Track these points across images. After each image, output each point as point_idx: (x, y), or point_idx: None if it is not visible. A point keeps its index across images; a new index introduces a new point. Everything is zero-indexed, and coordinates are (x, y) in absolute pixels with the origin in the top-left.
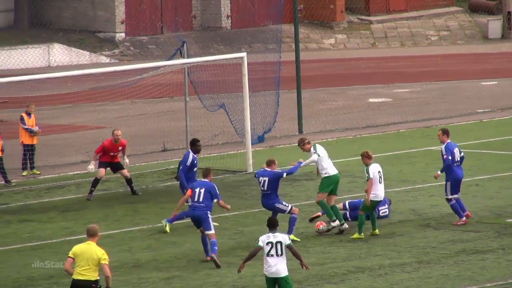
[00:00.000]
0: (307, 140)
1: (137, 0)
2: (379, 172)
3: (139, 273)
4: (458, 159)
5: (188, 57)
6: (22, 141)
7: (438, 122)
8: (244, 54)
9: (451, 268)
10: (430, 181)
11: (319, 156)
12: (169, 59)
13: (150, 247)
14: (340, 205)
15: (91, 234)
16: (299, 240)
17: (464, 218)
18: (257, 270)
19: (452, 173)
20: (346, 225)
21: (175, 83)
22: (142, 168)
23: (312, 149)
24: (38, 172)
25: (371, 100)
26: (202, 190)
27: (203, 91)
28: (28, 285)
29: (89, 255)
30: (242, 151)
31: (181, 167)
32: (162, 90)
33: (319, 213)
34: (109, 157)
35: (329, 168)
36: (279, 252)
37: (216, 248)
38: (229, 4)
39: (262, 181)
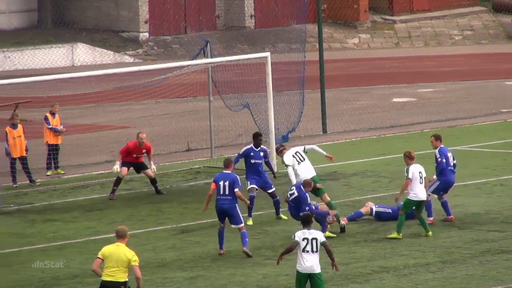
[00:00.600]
0: (282, 147)
1: (160, 0)
2: (420, 172)
3: (164, 273)
4: (452, 164)
5: (212, 56)
6: (47, 141)
7: (462, 122)
8: (267, 54)
9: (476, 268)
10: (455, 181)
11: (287, 166)
12: (192, 59)
13: (174, 247)
14: (367, 209)
15: (120, 236)
16: (335, 235)
17: (432, 218)
18: (281, 269)
19: (445, 176)
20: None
21: (199, 82)
22: (166, 167)
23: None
24: (63, 172)
25: (395, 99)
26: (227, 183)
27: (227, 91)
28: (53, 285)
29: (118, 256)
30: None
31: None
32: (186, 90)
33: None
34: (132, 157)
35: (302, 175)
36: (314, 249)
37: (247, 240)
38: (253, 4)
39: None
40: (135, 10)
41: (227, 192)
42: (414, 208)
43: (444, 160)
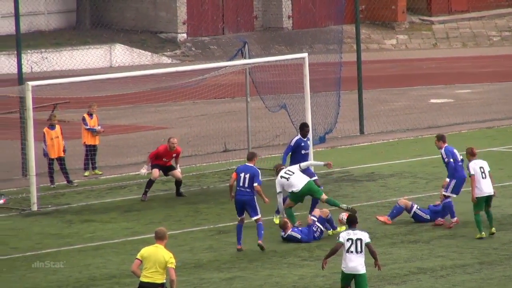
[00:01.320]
0: (281, 168)
1: (198, 1)
2: (481, 167)
3: (201, 274)
4: (459, 159)
5: (249, 57)
6: (85, 142)
7: (500, 123)
8: (305, 55)
9: None
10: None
11: (280, 180)
12: (230, 60)
13: (211, 248)
14: (407, 203)
15: (159, 237)
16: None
17: (455, 219)
18: (318, 271)
19: (458, 172)
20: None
21: (236, 83)
22: (203, 168)
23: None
24: (100, 173)
25: (432, 100)
26: (247, 176)
27: (264, 92)
28: (90, 285)
29: (157, 258)
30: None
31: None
32: (223, 91)
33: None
34: (161, 161)
35: (294, 187)
36: (359, 249)
37: (263, 232)
38: (290, 5)
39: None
40: (173, 11)
41: (246, 185)
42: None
43: (451, 160)
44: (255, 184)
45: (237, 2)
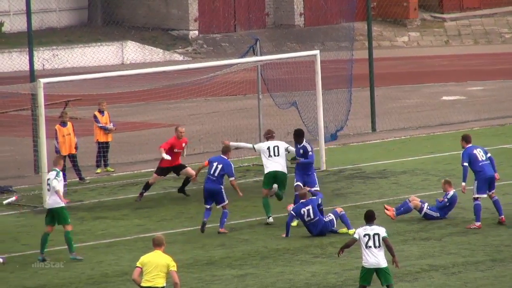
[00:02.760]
0: (270, 135)
1: None
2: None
3: (212, 271)
4: (482, 158)
5: (261, 54)
6: (97, 139)
7: (511, 120)
8: (317, 52)
9: None
10: (504, 179)
11: (253, 146)
12: (242, 57)
13: (223, 245)
14: (417, 204)
15: (157, 244)
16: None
17: (478, 223)
18: (330, 267)
19: (478, 173)
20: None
21: (248, 80)
22: None
23: None
24: (112, 170)
25: (444, 98)
26: (220, 166)
27: (276, 89)
28: (102, 282)
29: (158, 262)
30: (315, 148)
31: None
32: (235, 88)
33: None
34: (172, 156)
35: (267, 168)
36: (377, 244)
37: (225, 220)
38: (302, 2)
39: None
40: (184, 8)
41: (216, 174)
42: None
43: (465, 163)
44: (231, 179)
45: None
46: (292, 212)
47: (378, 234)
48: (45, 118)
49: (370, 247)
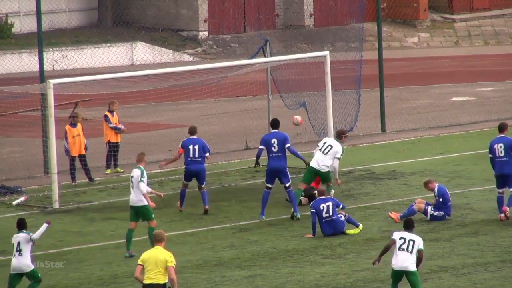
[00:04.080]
0: (345, 136)
1: None
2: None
3: (222, 271)
4: (500, 154)
5: (271, 55)
6: (109, 140)
7: None
8: (327, 53)
9: None
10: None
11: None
12: (251, 58)
13: (233, 245)
14: (421, 207)
15: (158, 240)
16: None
17: (502, 215)
18: (339, 268)
19: (494, 168)
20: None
21: (258, 81)
22: (224, 166)
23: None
24: (122, 170)
25: (454, 98)
26: (197, 147)
27: (285, 90)
28: (111, 283)
29: (157, 258)
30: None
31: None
32: (244, 89)
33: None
34: None
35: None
36: (410, 249)
37: (207, 198)
38: (312, 3)
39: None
40: (194, 9)
41: (197, 155)
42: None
43: (490, 155)
44: (207, 154)
45: (259, 0)
46: (312, 209)
47: (414, 241)
48: (55, 118)
49: (403, 249)
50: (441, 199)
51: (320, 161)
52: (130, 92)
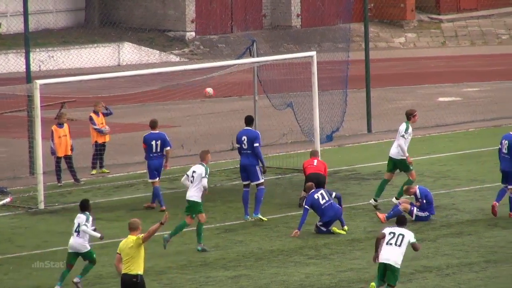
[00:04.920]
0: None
1: None
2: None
3: (207, 272)
4: (504, 150)
5: (258, 56)
6: (95, 141)
7: (507, 121)
8: (313, 53)
9: None
10: (499, 180)
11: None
12: (238, 58)
13: (218, 246)
14: (406, 207)
15: (131, 228)
16: (344, 232)
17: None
18: (324, 269)
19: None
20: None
21: (244, 82)
22: (210, 166)
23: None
24: (107, 171)
25: (440, 99)
26: (159, 142)
27: (272, 90)
28: (96, 283)
29: (127, 245)
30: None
31: (258, 144)
32: (231, 89)
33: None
34: None
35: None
36: (398, 243)
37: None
38: (299, 3)
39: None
40: (181, 10)
41: (158, 150)
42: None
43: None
44: (167, 148)
45: (246, 0)
46: (306, 206)
47: (403, 235)
48: (41, 119)
49: (390, 244)
50: (424, 200)
51: (393, 148)
52: (118, 93)
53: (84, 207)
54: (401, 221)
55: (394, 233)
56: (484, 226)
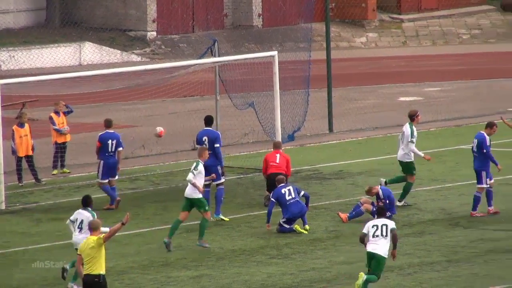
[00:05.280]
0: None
1: None
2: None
3: (168, 272)
4: (474, 149)
5: (219, 55)
6: (55, 141)
7: (468, 121)
8: (275, 53)
9: (481, 267)
10: (460, 180)
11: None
12: (200, 58)
13: (179, 246)
14: (368, 207)
15: (92, 228)
16: (306, 232)
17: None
18: (286, 268)
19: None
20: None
21: (206, 81)
22: (172, 166)
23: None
24: (68, 171)
25: (401, 98)
26: (114, 142)
27: (234, 90)
28: (57, 284)
29: (88, 246)
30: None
31: (218, 145)
32: (193, 89)
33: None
34: None
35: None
36: (384, 233)
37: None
38: (261, 3)
39: None
40: (143, 9)
41: (113, 150)
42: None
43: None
44: (120, 149)
45: (207, 0)
46: (272, 198)
47: (386, 225)
48: (2, 119)
49: (377, 236)
50: (387, 200)
51: (400, 150)
52: (78, 92)
53: (86, 202)
54: (381, 213)
55: (377, 225)
56: (445, 226)
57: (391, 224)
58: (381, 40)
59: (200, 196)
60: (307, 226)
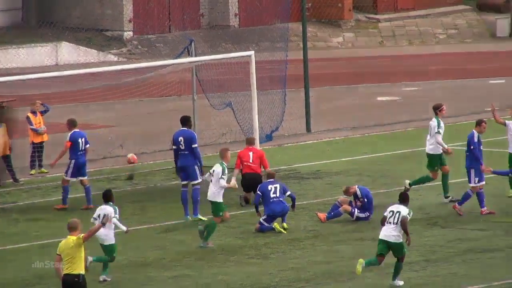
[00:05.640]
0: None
1: None
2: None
3: (147, 272)
4: (466, 148)
5: (196, 55)
6: (32, 140)
7: (445, 121)
8: (252, 53)
9: (459, 266)
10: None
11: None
12: (176, 58)
13: (158, 246)
14: (346, 208)
15: (70, 228)
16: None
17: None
18: (265, 268)
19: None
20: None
21: (183, 81)
22: (150, 166)
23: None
24: (46, 171)
25: (379, 98)
26: (83, 140)
27: (211, 90)
28: (36, 284)
29: (67, 246)
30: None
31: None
32: (170, 89)
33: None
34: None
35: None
36: (395, 220)
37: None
38: (237, 3)
39: None
40: (119, 9)
41: (83, 148)
42: None
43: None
44: (88, 146)
45: (183, 0)
46: (258, 191)
47: (399, 212)
48: None
49: (390, 223)
50: (366, 199)
51: (427, 143)
52: (56, 92)
53: (108, 197)
54: (403, 199)
55: (393, 211)
56: (423, 225)
57: (404, 211)
58: (358, 40)
59: (220, 200)
60: (285, 224)
